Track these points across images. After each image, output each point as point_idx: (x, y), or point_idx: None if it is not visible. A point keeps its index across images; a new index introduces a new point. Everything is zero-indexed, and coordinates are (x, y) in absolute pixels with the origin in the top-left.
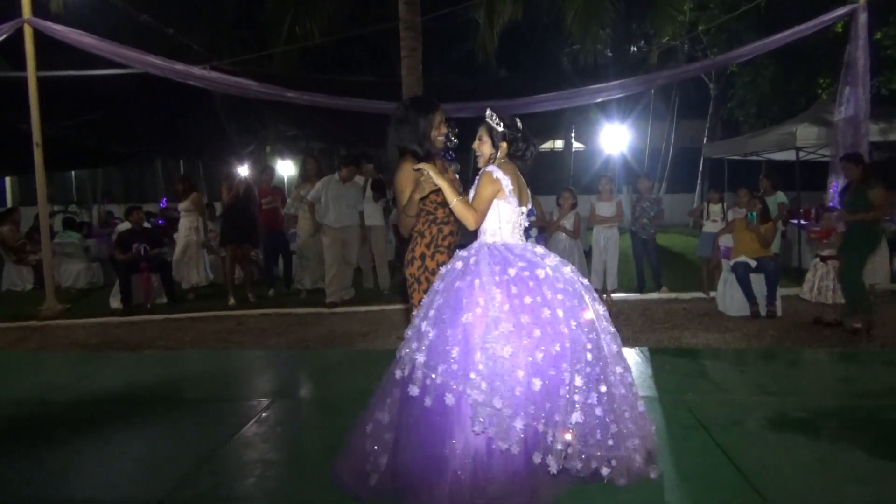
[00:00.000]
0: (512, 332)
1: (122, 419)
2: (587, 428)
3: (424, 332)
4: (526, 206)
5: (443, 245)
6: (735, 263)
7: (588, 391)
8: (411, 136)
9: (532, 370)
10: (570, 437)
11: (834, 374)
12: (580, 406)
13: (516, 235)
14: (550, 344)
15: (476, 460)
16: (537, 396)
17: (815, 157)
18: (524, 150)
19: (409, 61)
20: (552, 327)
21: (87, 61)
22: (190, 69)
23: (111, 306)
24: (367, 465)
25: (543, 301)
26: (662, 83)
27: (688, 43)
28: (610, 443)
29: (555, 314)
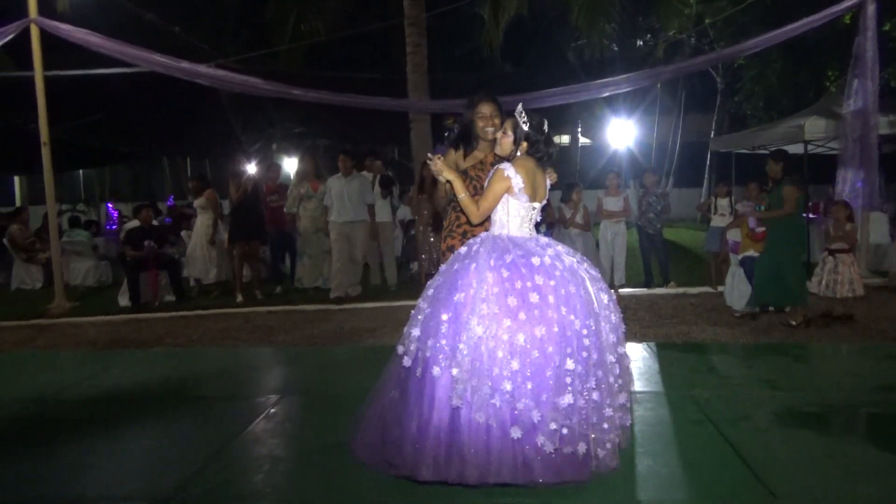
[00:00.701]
0: (496, 313)
1: (131, 416)
2: (584, 411)
3: (421, 308)
4: (540, 202)
5: (457, 231)
6: (743, 258)
7: (586, 375)
8: (459, 129)
9: (512, 351)
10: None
11: (843, 369)
12: (574, 389)
13: (525, 229)
14: (535, 326)
15: (455, 431)
16: (516, 375)
17: (824, 150)
18: (544, 153)
19: (415, 57)
20: (539, 311)
21: (94, 61)
22: (196, 67)
23: (120, 304)
24: (383, 435)
25: (533, 286)
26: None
27: (694, 36)
28: (605, 426)
29: (544, 299)
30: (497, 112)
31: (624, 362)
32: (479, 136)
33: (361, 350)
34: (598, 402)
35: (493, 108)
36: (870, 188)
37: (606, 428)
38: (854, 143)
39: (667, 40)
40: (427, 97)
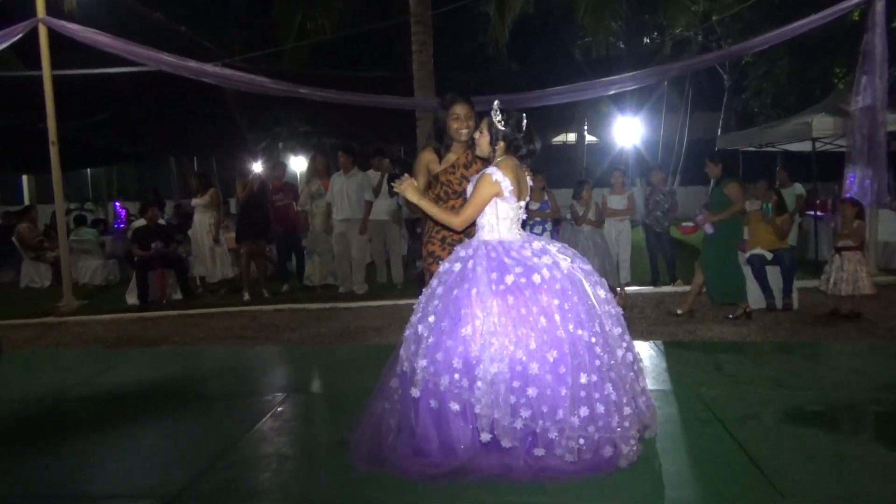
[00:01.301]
0: (508, 348)
1: (139, 414)
2: (604, 416)
3: (422, 335)
4: (524, 199)
5: (436, 237)
6: (751, 256)
7: (602, 382)
8: (433, 128)
9: (527, 380)
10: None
11: (851, 367)
12: (591, 399)
13: (514, 231)
14: (547, 351)
15: (478, 457)
16: (532, 402)
17: (832, 147)
18: (525, 151)
19: (420, 56)
20: (549, 335)
21: (101, 60)
22: (203, 66)
23: (127, 302)
24: (382, 427)
25: (540, 310)
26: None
27: (701, 34)
28: (626, 424)
29: (551, 321)
30: (471, 113)
31: (634, 349)
32: (452, 137)
33: (367, 348)
34: (617, 402)
35: (467, 109)
36: (878, 186)
37: (628, 426)
38: (862, 141)
39: (673, 38)
40: (433, 95)
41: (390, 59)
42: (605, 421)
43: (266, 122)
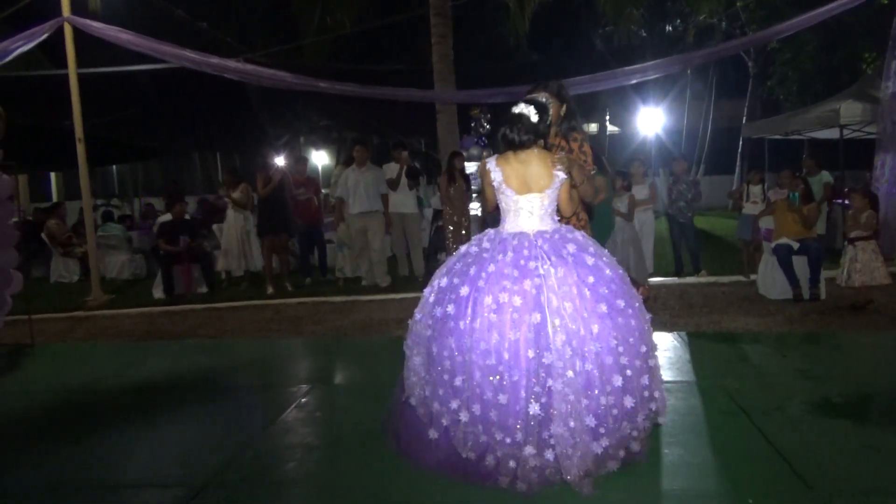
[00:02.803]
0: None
1: (167, 405)
2: (567, 434)
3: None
4: (532, 193)
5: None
6: (777, 245)
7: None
8: None
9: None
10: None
11: (879, 358)
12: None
13: (522, 223)
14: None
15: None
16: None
17: (861, 134)
18: (510, 140)
19: (440, 48)
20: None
21: (126, 58)
22: (224, 62)
23: (154, 296)
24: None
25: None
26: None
27: (725, 20)
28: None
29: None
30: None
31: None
32: None
33: (390, 340)
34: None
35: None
36: None
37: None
38: (892, 127)
39: (697, 25)
40: (453, 87)
41: (411, 51)
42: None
43: (287, 116)
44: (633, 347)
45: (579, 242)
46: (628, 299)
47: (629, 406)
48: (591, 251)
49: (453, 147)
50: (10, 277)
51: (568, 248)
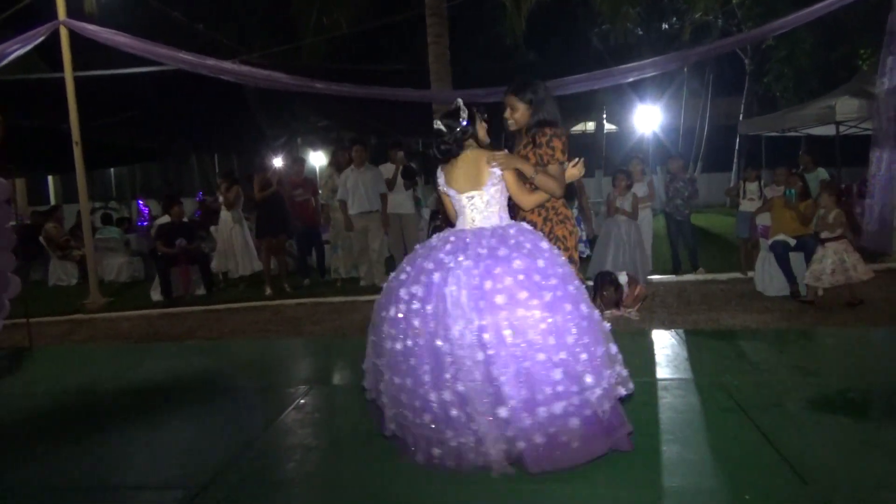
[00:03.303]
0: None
1: (167, 407)
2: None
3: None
4: (472, 191)
5: None
6: (774, 242)
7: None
8: None
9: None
10: None
11: (876, 354)
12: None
13: (465, 220)
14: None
15: None
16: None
17: (857, 130)
18: (442, 145)
19: (436, 48)
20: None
21: (123, 60)
22: (221, 64)
23: (153, 299)
24: None
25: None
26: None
27: (721, 18)
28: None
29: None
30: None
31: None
32: None
33: None
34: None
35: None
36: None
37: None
38: (889, 123)
39: (693, 22)
40: (450, 87)
41: (409, 51)
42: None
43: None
44: (557, 340)
45: (507, 236)
46: (560, 293)
47: (535, 396)
48: (515, 244)
49: None
50: (7, 281)
51: (489, 242)
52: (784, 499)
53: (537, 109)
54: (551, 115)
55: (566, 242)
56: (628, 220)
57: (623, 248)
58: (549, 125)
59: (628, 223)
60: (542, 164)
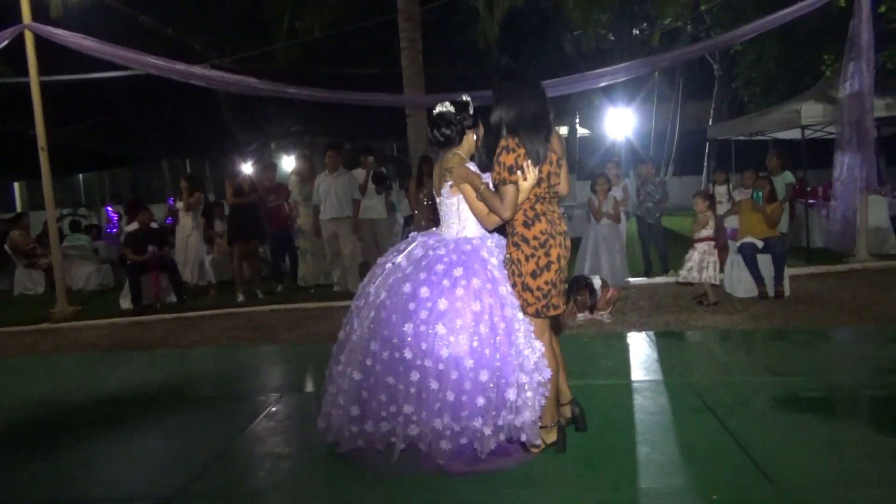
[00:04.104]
0: None
1: (135, 418)
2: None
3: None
4: (438, 195)
5: None
6: (742, 244)
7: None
8: None
9: None
10: None
11: (842, 353)
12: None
13: (445, 225)
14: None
15: None
16: None
17: (822, 134)
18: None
19: (409, 52)
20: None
21: (92, 65)
22: (191, 69)
23: (122, 307)
24: None
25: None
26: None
27: (690, 24)
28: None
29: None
30: None
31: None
32: None
33: None
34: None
35: None
36: (867, 172)
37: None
38: (851, 127)
39: (663, 28)
40: (423, 91)
41: (384, 55)
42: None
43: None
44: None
45: (458, 250)
46: (486, 306)
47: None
48: (448, 259)
49: (423, 151)
50: None
51: (428, 252)
52: (750, 498)
53: (496, 111)
54: (508, 121)
55: (520, 267)
56: (611, 224)
57: (605, 251)
58: (505, 137)
59: (611, 226)
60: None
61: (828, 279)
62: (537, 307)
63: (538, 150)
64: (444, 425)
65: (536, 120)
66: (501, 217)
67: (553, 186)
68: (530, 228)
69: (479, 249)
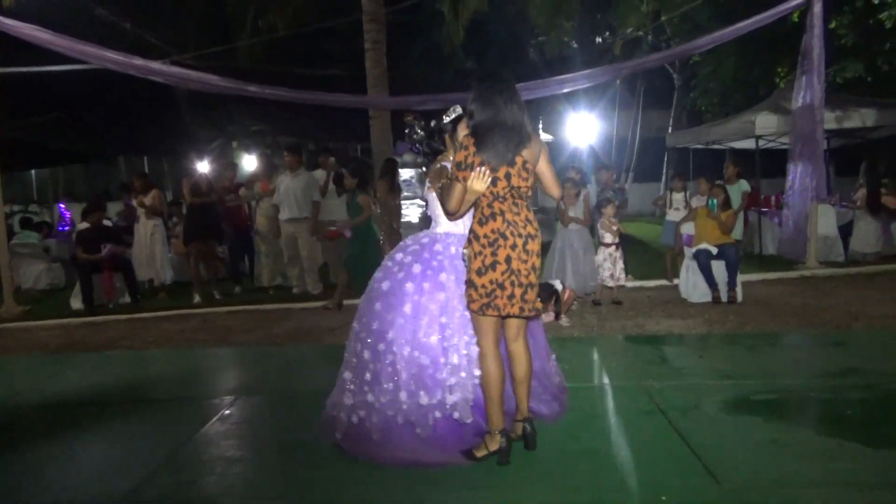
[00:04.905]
0: None
1: (84, 421)
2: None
3: None
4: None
5: None
6: (697, 251)
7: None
8: None
9: None
10: None
11: (790, 357)
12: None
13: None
14: None
15: None
16: None
17: (775, 144)
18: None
19: (374, 54)
20: None
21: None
22: (149, 64)
23: (73, 307)
24: None
25: None
26: (627, 73)
27: (651, 33)
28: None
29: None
30: None
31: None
32: None
33: (322, 349)
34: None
35: None
36: (817, 182)
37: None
38: (802, 138)
39: (625, 37)
40: (387, 93)
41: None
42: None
43: (219, 120)
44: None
45: (431, 247)
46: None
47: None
48: (413, 255)
49: (387, 153)
50: None
51: (413, 248)
52: (699, 499)
53: (469, 110)
54: (479, 122)
55: (470, 263)
56: (580, 228)
57: (571, 256)
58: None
59: (580, 231)
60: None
61: (778, 285)
62: (479, 304)
63: (502, 153)
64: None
65: (511, 128)
66: (445, 210)
67: (516, 188)
68: (482, 226)
69: (434, 244)
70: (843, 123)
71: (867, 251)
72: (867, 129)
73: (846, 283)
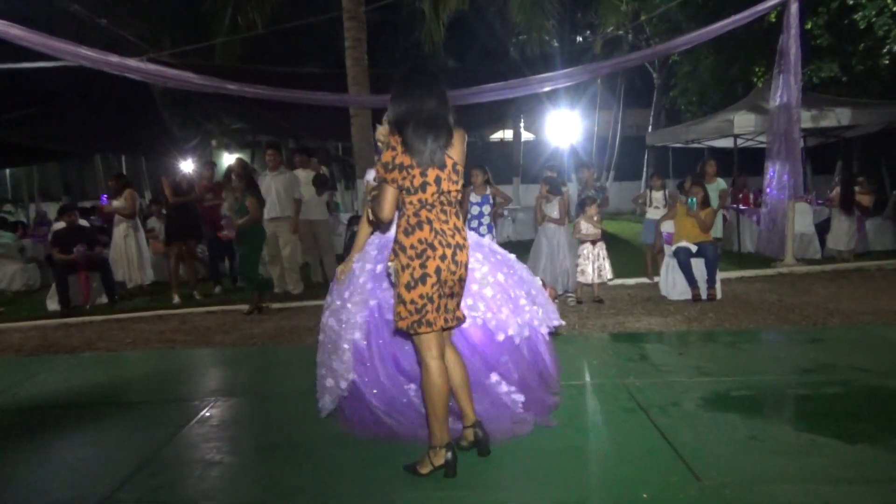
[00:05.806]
0: None
1: (60, 424)
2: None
3: None
4: None
5: None
6: (676, 248)
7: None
8: None
9: None
10: None
11: (769, 354)
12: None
13: None
14: None
15: None
16: None
17: (753, 143)
18: None
19: (354, 52)
20: None
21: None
22: (125, 61)
23: (48, 308)
24: None
25: None
26: (607, 72)
27: (631, 33)
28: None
29: None
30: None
31: None
32: None
33: (302, 349)
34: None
35: None
36: (795, 180)
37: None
38: (779, 137)
39: (604, 36)
40: (367, 91)
41: (329, 54)
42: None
43: (197, 119)
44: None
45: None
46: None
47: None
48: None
49: (367, 151)
50: None
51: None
52: (679, 495)
53: (389, 107)
54: (398, 117)
55: (397, 277)
56: (556, 227)
57: (549, 255)
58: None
59: (557, 229)
60: None
61: (757, 283)
62: (409, 322)
63: (427, 152)
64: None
65: (429, 120)
66: (378, 219)
67: (446, 193)
68: (409, 237)
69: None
70: (818, 122)
71: (842, 248)
72: (842, 128)
73: (822, 280)
